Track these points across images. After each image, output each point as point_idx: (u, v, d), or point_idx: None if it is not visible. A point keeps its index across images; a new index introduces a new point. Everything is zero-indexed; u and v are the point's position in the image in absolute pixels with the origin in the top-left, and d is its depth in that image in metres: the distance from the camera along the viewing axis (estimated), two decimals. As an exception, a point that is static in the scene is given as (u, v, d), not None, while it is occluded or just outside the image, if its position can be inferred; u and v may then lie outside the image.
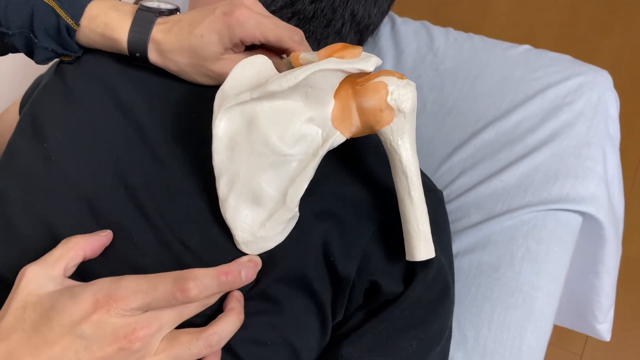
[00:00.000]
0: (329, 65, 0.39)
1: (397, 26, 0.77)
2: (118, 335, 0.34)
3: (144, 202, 0.44)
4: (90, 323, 0.34)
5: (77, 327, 0.33)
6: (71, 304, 0.34)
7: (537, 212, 0.61)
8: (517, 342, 0.56)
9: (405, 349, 0.45)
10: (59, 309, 0.34)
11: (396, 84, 0.41)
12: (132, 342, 0.34)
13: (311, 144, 0.42)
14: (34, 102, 0.50)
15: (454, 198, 0.65)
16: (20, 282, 0.36)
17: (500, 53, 0.72)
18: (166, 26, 0.47)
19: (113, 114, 0.47)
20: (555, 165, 0.63)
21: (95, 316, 0.34)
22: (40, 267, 0.37)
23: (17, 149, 0.48)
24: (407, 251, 0.44)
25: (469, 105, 0.69)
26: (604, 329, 0.82)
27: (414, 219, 0.43)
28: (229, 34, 0.45)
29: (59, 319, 0.34)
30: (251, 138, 0.41)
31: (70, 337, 0.34)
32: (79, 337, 0.34)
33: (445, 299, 0.47)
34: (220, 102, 0.40)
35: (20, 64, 0.96)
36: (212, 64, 0.47)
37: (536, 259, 0.59)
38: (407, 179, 0.42)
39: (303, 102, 0.41)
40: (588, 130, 0.65)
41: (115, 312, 0.34)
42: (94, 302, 0.34)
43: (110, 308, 0.34)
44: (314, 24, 0.56)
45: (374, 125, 0.42)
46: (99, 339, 0.34)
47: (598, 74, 0.69)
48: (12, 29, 0.47)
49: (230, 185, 0.41)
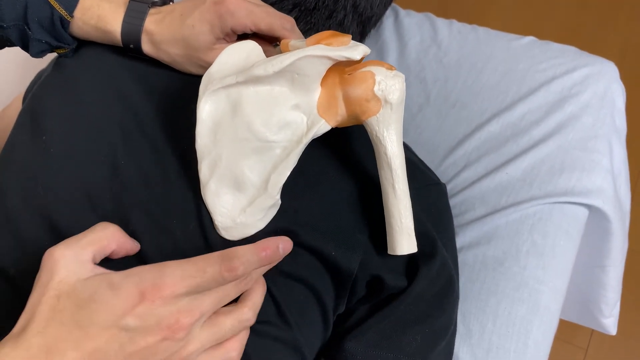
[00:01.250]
0: (315, 51, 0.39)
1: (400, 18, 0.76)
2: (162, 325, 0.33)
3: (141, 191, 0.44)
4: (134, 315, 0.32)
5: (122, 320, 0.32)
6: (112, 296, 0.33)
7: (542, 205, 0.61)
8: (523, 336, 0.56)
9: (410, 343, 0.45)
10: (99, 301, 0.33)
11: (384, 74, 0.41)
12: (176, 332, 0.33)
13: (295, 131, 0.42)
14: (33, 96, 0.50)
15: (459, 192, 0.65)
16: (51, 268, 0.34)
17: (505, 45, 0.71)
18: (159, 17, 0.47)
19: (111, 106, 0.47)
20: (560, 157, 0.62)
21: (140, 308, 0.33)
22: (71, 250, 0.35)
23: (16, 143, 0.48)
24: (389, 245, 0.44)
25: (473, 97, 0.69)
26: (609, 323, 0.82)
27: (397, 213, 0.42)
28: (220, 23, 0.45)
29: (101, 312, 0.32)
30: (235, 122, 0.40)
31: (114, 330, 0.32)
32: (123, 330, 0.32)
33: (450, 294, 0.47)
34: (205, 85, 0.40)
35: (21, 61, 0.96)
36: (204, 54, 0.47)
37: (542, 252, 0.59)
38: (392, 172, 0.42)
39: (289, 89, 0.41)
40: (594, 122, 0.64)
41: (161, 302, 0.33)
42: (138, 293, 0.33)
43: (156, 298, 0.33)
44: (315, 16, 0.55)
45: (360, 115, 0.42)
46: (144, 330, 0.33)
47: (604, 65, 0.68)
48: (6, 21, 0.47)
49: (212, 169, 0.41)
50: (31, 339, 0.32)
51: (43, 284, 0.34)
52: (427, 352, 0.45)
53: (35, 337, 0.32)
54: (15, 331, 0.33)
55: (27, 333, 0.32)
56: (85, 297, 0.33)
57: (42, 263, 0.35)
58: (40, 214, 0.44)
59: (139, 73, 0.49)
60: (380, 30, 0.76)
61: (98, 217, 0.43)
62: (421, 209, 0.47)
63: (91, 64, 0.49)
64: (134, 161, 0.45)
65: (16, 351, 0.31)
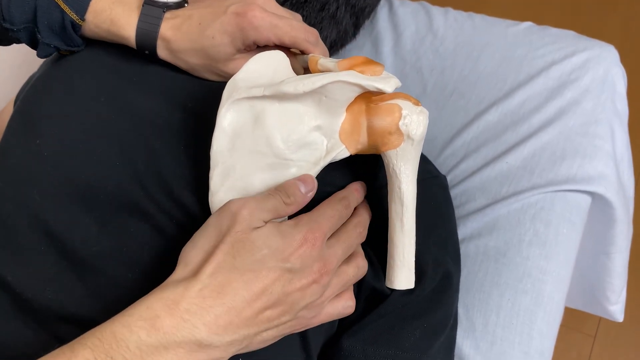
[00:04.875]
0: (348, 77, 0.38)
1: (394, 8, 0.75)
2: (313, 269, 0.37)
3: (135, 193, 0.43)
4: (297, 256, 0.36)
5: (287, 262, 0.36)
6: (282, 242, 0.36)
7: (544, 194, 0.60)
8: (527, 327, 0.55)
9: (409, 339, 0.44)
10: (271, 247, 0.36)
11: (411, 109, 0.41)
12: (323, 276, 0.37)
13: (314, 153, 0.41)
14: (25, 99, 0.49)
15: (458, 182, 0.64)
16: (231, 218, 0.37)
17: (502, 31, 0.70)
18: (175, 22, 0.46)
19: (106, 107, 0.46)
20: (561, 144, 0.61)
21: (301, 249, 0.36)
22: (258, 208, 0.38)
23: (9, 147, 0.47)
24: (388, 277, 0.44)
25: (471, 86, 0.68)
26: (616, 310, 0.81)
27: (401, 247, 0.43)
28: (242, 36, 0.44)
29: (272, 256, 0.36)
30: (255, 135, 0.40)
31: (280, 272, 0.36)
32: (287, 271, 0.36)
33: (447, 288, 0.46)
34: (230, 93, 0.39)
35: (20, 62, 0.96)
36: (223, 65, 0.46)
37: (544, 242, 0.58)
38: (403, 206, 0.42)
39: (314, 109, 0.41)
40: (595, 107, 0.63)
41: (317, 243, 0.37)
42: (302, 238, 0.37)
43: (315, 240, 0.37)
44: (307, 8, 0.55)
45: (380, 147, 0.42)
46: (302, 271, 0.37)
47: (604, 49, 0.66)
48: (16, 24, 0.46)
49: (223, 177, 0.40)
50: (205, 280, 0.35)
51: (221, 232, 0.37)
52: (426, 348, 0.45)
53: (209, 277, 0.35)
54: (185, 274, 0.36)
55: (201, 275, 0.35)
56: (260, 244, 0.36)
57: (222, 212, 0.38)
58: (36, 219, 0.43)
59: (136, 73, 0.48)
60: (374, 21, 0.75)
61: (93, 220, 0.43)
62: (420, 203, 0.46)
63: (86, 66, 0.48)
64: (129, 163, 0.44)
65: (189, 291, 0.34)
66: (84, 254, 0.42)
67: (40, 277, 0.42)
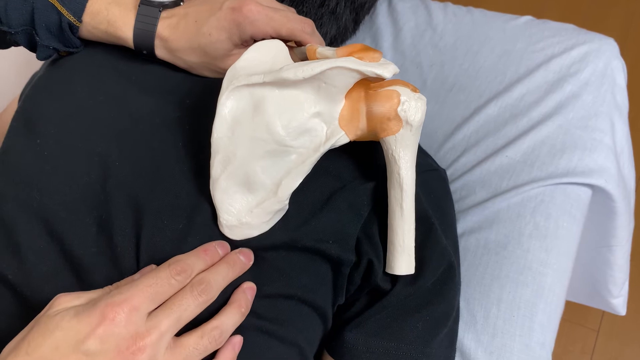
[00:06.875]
0: (347, 63, 0.39)
1: (394, 3, 0.75)
2: (121, 347, 0.34)
3: (134, 191, 0.43)
4: (95, 337, 0.33)
5: (83, 345, 0.33)
6: (76, 322, 0.34)
7: (544, 187, 0.60)
8: (528, 320, 0.55)
9: (411, 331, 0.44)
10: (64, 328, 0.34)
11: (409, 95, 0.41)
12: (136, 354, 0.34)
13: (314, 139, 0.41)
14: (26, 99, 0.49)
15: (459, 176, 0.64)
16: (49, 305, 0.36)
17: (501, 26, 0.70)
18: (172, 21, 0.46)
19: (105, 107, 0.47)
20: (561, 137, 0.61)
21: (100, 329, 0.33)
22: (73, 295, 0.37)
23: (10, 147, 0.48)
24: (389, 263, 0.44)
25: (471, 81, 0.68)
26: (619, 303, 0.81)
27: (400, 232, 0.43)
28: (239, 31, 0.44)
29: (65, 339, 0.33)
30: (255, 122, 0.40)
31: (77, 355, 0.33)
32: (85, 355, 0.33)
33: (450, 280, 0.46)
34: (230, 80, 0.39)
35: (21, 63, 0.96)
36: (221, 62, 0.46)
37: (545, 235, 0.58)
38: (402, 192, 0.42)
39: (314, 96, 0.41)
40: (595, 100, 0.63)
41: (121, 318, 0.34)
42: (99, 314, 0.34)
43: (116, 315, 0.34)
44: (307, 4, 0.55)
45: (379, 133, 0.42)
46: (104, 353, 0.33)
47: (603, 42, 0.66)
48: (13, 27, 0.46)
49: (224, 165, 0.41)
50: None
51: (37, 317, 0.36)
52: (429, 340, 0.45)
53: None
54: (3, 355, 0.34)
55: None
56: (52, 327, 0.34)
57: None
58: (36, 218, 0.44)
59: (134, 73, 0.48)
60: (374, 16, 0.75)
61: (94, 219, 0.43)
62: (419, 195, 0.47)
63: (84, 65, 0.49)
64: (128, 162, 0.44)
65: None
66: (82, 253, 0.42)
67: (39, 276, 0.43)
